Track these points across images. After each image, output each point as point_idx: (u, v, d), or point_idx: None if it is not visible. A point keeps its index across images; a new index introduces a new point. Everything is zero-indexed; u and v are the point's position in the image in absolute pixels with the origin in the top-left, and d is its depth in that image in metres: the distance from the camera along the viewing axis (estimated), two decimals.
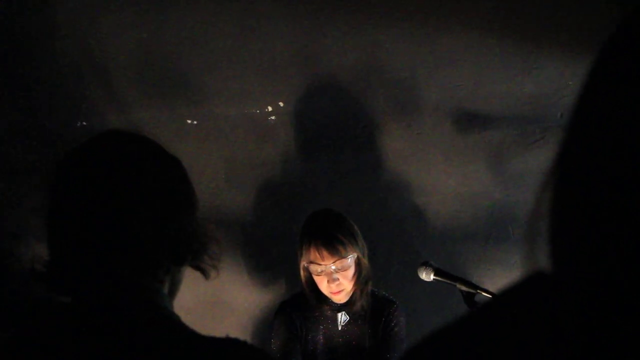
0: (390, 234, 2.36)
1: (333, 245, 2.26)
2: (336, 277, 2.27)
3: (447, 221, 3.03)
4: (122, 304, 1.05)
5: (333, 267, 2.26)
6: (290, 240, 3.06)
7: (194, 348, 1.00)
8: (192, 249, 1.14)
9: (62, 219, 1.08)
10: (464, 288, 2.11)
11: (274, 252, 3.07)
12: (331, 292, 2.32)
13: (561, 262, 0.51)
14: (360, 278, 2.36)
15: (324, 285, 2.32)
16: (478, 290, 2.08)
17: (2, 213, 2.98)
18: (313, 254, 2.28)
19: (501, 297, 0.57)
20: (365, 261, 2.37)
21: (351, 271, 2.31)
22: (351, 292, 2.36)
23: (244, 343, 1.03)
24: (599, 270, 0.46)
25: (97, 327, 1.02)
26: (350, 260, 2.29)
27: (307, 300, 2.43)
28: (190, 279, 1.22)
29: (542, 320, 0.50)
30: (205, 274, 1.19)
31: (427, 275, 2.24)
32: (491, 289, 2.09)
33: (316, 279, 2.33)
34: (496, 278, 2.99)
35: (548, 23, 2.71)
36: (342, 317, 2.44)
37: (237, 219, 3.03)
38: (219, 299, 3.10)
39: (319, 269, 2.28)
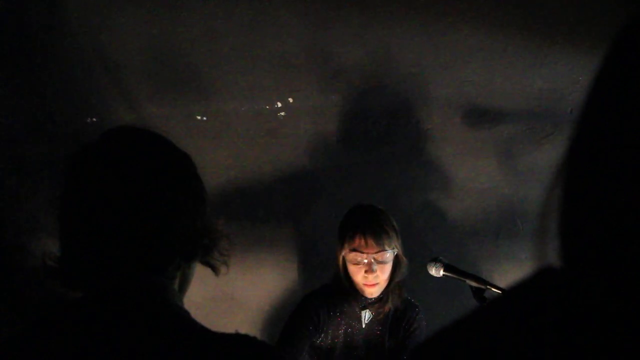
0: (399, 229, 2.36)
1: (380, 235, 2.27)
2: (375, 269, 2.27)
3: (456, 217, 3.03)
4: (133, 300, 1.05)
5: (374, 259, 2.27)
6: (300, 236, 3.06)
7: (203, 344, 1.00)
8: (202, 245, 1.15)
9: (74, 215, 1.09)
10: (473, 284, 2.11)
11: (283, 248, 3.07)
12: (366, 284, 2.32)
13: (570, 258, 0.51)
14: (396, 275, 2.37)
15: (360, 276, 2.31)
16: (487, 286, 2.08)
17: (13, 208, 3.00)
18: (358, 242, 2.27)
19: (510, 293, 0.58)
20: (404, 259, 2.38)
21: (389, 266, 2.32)
22: (384, 288, 2.37)
23: (254, 339, 1.04)
24: (608, 266, 0.46)
25: (107, 322, 1.03)
26: (390, 254, 2.30)
27: (334, 294, 2.43)
28: (200, 274, 1.23)
29: (551, 316, 0.50)
30: (215, 270, 1.20)
31: (436, 271, 2.24)
32: (501, 285, 2.09)
33: (353, 268, 2.32)
34: (506, 273, 2.98)
35: (558, 19, 2.70)
36: (366, 315, 2.43)
37: (246, 214, 3.04)
38: (228, 295, 3.11)
39: (360, 257, 2.28)
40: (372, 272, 2.27)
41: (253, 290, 3.11)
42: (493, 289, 2.07)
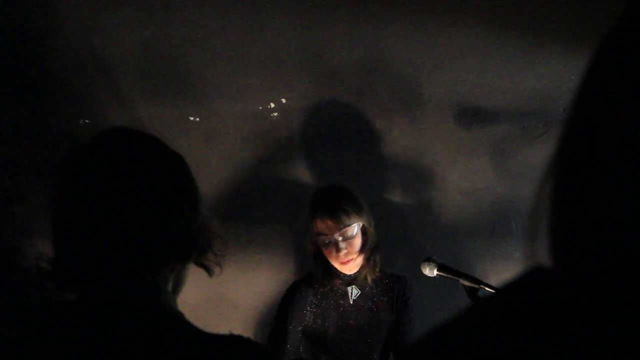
0: (393, 229, 2.36)
1: (337, 214, 2.30)
2: (343, 246, 2.31)
3: (450, 216, 3.03)
4: (127, 301, 1.05)
5: (339, 237, 2.30)
6: (294, 237, 3.06)
7: (197, 345, 1.00)
8: (196, 246, 1.15)
9: (68, 217, 1.08)
10: (467, 283, 2.12)
11: (277, 249, 3.07)
12: (340, 263, 2.36)
13: (560, 257, 0.51)
14: (366, 246, 2.39)
15: (332, 257, 2.35)
16: (481, 286, 2.08)
17: (7, 210, 2.99)
18: (319, 225, 2.33)
19: (499, 292, 0.58)
20: (371, 230, 2.41)
21: (358, 240, 2.35)
22: (360, 262, 2.40)
23: (248, 340, 1.04)
24: (598, 265, 0.46)
25: (102, 324, 1.03)
26: (355, 228, 2.33)
27: (318, 279, 2.48)
28: (194, 276, 1.23)
29: (540, 315, 0.50)
30: (209, 271, 1.20)
31: (430, 271, 2.24)
32: (495, 284, 2.10)
33: (325, 251, 2.37)
34: (500, 273, 2.99)
35: (550, 18, 2.70)
36: (353, 291, 2.47)
37: (240, 215, 3.03)
38: (222, 296, 3.10)
39: (326, 239, 2.32)
40: (341, 250, 2.31)
41: (247, 291, 3.11)
42: (487, 289, 2.07)
